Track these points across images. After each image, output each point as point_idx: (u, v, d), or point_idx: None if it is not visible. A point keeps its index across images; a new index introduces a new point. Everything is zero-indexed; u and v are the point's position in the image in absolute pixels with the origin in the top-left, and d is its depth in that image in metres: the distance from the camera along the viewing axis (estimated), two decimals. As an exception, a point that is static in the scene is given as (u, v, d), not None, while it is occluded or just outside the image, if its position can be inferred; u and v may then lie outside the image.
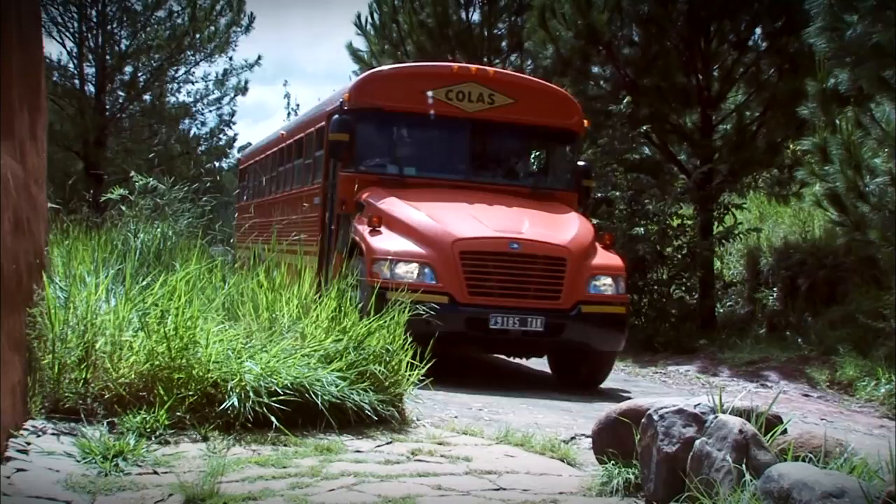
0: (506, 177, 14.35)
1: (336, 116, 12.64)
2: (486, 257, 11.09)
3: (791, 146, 19.48)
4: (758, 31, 20.02)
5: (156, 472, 5.41)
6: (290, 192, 17.15)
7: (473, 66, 13.97)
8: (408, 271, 10.89)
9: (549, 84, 15.01)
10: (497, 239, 11.21)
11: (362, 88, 13.23)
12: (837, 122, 12.42)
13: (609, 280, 11.66)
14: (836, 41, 11.63)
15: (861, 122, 12.25)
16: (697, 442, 5.03)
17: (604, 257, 11.96)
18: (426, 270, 10.93)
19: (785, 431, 5.22)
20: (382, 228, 11.40)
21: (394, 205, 11.89)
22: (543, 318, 11.00)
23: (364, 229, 11.54)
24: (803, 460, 4.79)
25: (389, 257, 10.96)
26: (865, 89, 11.96)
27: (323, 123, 14.05)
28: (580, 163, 14.80)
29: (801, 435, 5.11)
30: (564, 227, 12.00)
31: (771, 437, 5.10)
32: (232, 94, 35.07)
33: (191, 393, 6.49)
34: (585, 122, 14.22)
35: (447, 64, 15.06)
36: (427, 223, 11.46)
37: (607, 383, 12.05)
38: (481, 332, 10.97)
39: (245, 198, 23.63)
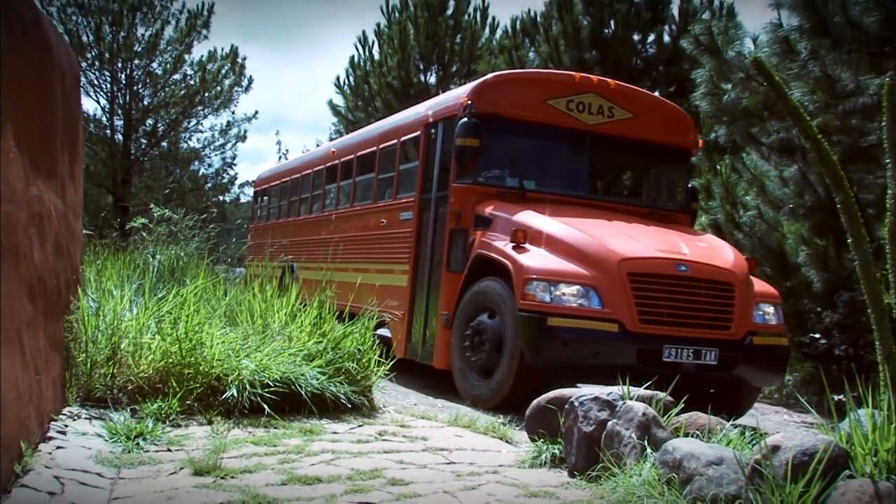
0: (625, 195, 11.76)
1: (465, 120, 9.44)
2: (655, 280, 8.23)
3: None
4: (656, 94, 20.29)
5: (169, 450, 5.36)
6: (352, 208, 13.43)
7: (594, 77, 10.76)
8: (570, 294, 8.10)
9: (665, 100, 11.82)
10: (665, 260, 8.39)
11: (482, 93, 9.86)
12: (718, 167, 12.80)
13: (771, 308, 8.96)
14: (716, 104, 11.88)
15: (736, 168, 12.63)
16: (610, 423, 5.11)
17: (760, 284, 9.27)
18: (591, 294, 8.08)
19: (678, 413, 5.30)
20: (528, 245, 8.53)
21: (537, 219, 8.88)
22: (717, 351, 8.30)
23: (505, 245, 8.66)
24: (692, 436, 4.91)
25: (548, 278, 8.12)
26: (738, 142, 12.27)
27: (418, 133, 10.97)
28: (690, 184, 11.70)
29: (690, 416, 5.24)
30: (721, 250, 9.25)
31: (667, 418, 5.19)
32: (233, 142, 34.90)
33: (198, 385, 6.42)
34: (700, 141, 11.37)
35: (568, 73, 11.32)
36: (586, 240, 8.49)
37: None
38: (653, 366, 7.91)
39: (266, 218, 19.72)
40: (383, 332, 10.81)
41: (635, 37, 20.69)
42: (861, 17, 10.86)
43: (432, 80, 28.91)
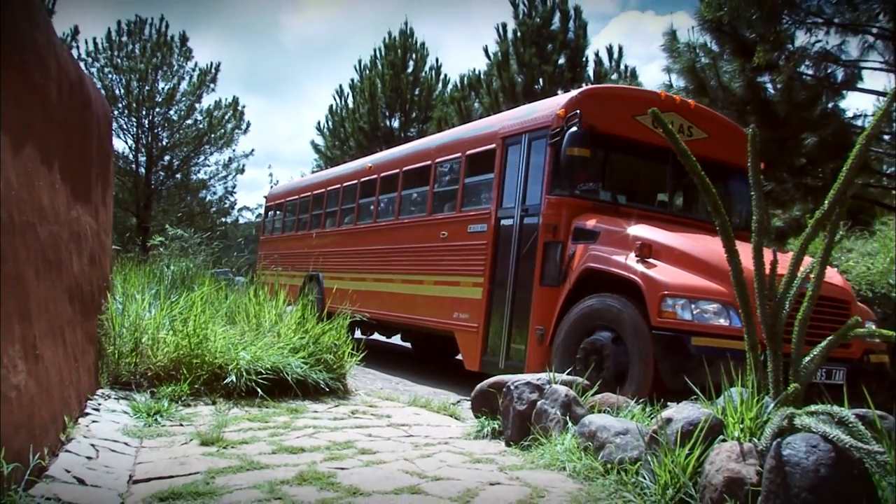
0: (702, 213, 8.87)
1: (574, 130, 7.65)
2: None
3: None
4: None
5: (181, 425, 5.33)
6: (399, 221, 11.10)
7: (677, 96, 9.13)
8: (712, 312, 6.34)
9: (734, 123, 9.64)
10: None
11: (581, 105, 7.94)
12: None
13: (874, 326, 7.17)
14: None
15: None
16: (539, 403, 5.16)
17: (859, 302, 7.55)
18: (731, 311, 6.30)
19: (593, 394, 5.34)
20: (654, 260, 6.81)
21: (658, 233, 7.13)
22: (844, 369, 6.76)
23: (626, 259, 6.96)
24: (604, 412, 4.97)
25: (687, 294, 6.36)
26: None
27: (492, 146, 8.97)
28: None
29: (602, 397, 5.28)
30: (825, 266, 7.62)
31: (585, 398, 5.23)
32: (234, 174, 34.54)
33: (204, 372, 6.38)
34: (763, 164, 9.70)
35: (653, 90, 9.61)
36: (715, 255, 6.51)
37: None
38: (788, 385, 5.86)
39: (280, 231, 16.92)
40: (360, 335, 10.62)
41: (560, 91, 20.91)
42: (730, 82, 11.33)
43: (395, 124, 29.06)
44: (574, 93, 8.34)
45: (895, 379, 7.54)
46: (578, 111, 7.79)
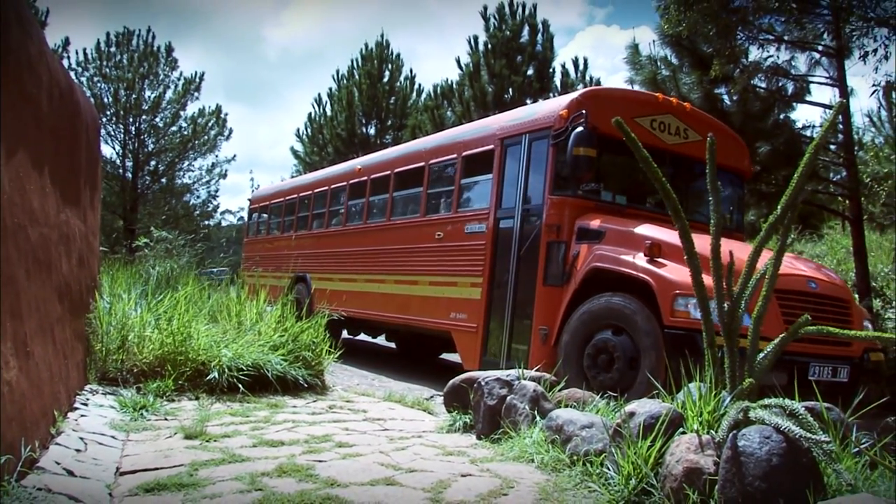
0: (698, 214, 8.31)
1: (581, 130, 7.26)
2: (794, 297, 6.27)
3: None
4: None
5: (166, 419, 5.31)
6: (390, 222, 10.52)
7: (673, 99, 8.81)
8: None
9: (727, 126, 9.25)
10: (797, 276, 6.49)
11: (583, 106, 7.55)
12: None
13: (870, 325, 7.10)
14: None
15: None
16: (508, 398, 5.18)
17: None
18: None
19: (560, 390, 5.38)
20: (664, 260, 6.46)
21: (664, 233, 6.68)
22: (848, 367, 6.53)
23: (635, 258, 6.62)
24: (570, 407, 5.01)
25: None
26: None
27: (490, 147, 8.55)
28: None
29: (568, 392, 5.31)
30: (824, 268, 7.44)
31: (552, 393, 5.27)
32: (216, 178, 34.19)
33: (187, 369, 6.35)
34: (752, 168, 9.36)
35: (651, 93, 9.18)
36: (724, 256, 5.27)
37: (446, 358, 11.46)
38: (800, 385, 4.85)
39: (266, 232, 15.87)
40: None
41: (528, 101, 21.01)
42: (689, 93, 11.49)
43: (371, 131, 29.01)
44: (575, 94, 8.02)
45: (890, 376, 7.47)
46: (584, 111, 7.40)
